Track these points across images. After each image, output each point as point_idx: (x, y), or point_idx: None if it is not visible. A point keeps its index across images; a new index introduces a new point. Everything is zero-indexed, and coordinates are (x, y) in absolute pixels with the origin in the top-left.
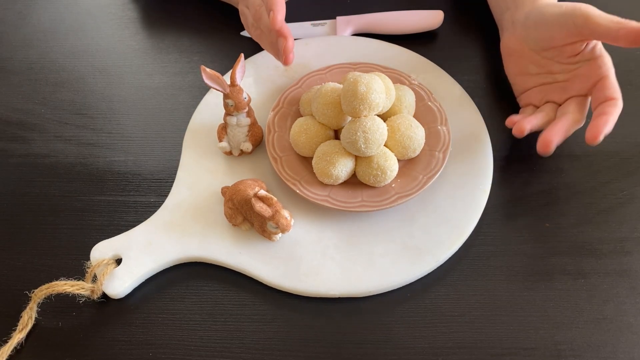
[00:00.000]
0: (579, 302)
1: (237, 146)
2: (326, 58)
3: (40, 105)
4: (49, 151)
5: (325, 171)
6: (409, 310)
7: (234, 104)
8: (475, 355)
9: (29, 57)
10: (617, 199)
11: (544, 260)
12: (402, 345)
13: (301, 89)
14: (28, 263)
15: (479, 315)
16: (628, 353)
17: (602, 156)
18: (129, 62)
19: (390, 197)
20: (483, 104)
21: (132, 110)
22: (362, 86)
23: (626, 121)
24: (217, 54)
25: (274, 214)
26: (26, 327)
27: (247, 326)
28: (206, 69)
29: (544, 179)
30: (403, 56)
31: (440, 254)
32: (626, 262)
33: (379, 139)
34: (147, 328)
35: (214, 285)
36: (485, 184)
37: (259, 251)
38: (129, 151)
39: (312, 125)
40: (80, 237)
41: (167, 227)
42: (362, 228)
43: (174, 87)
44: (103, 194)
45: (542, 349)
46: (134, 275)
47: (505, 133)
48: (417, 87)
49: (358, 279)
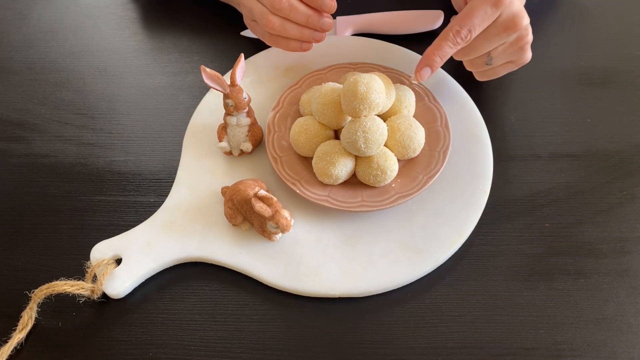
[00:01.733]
0: (579, 302)
1: (237, 146)
2: (326, 58)
3: (40, 105)
4: (49, 151)
5: (325, 171)
6: (409, 310)
7: (234, 104)
8: (475, 355)
9: (29, 57)
10: (617, 199)
11: (544, 260)
12: (402, 345)
13: (301, 89)
14: (28, 263)
15: (479, 315)
16: (628, 353)
17: (602, 156)
18: (129, 62)
19: (390, 197)
20: (483, 104)
21: (132, 110)
22: (362, 86)
23: (626, 121)
24: (217, 54)
25: (274, 214)
26: (26, 327)
27: (247, 326)
28: (206, 69)
29: (544, 179)
30: (403, 56)
31: (440, 254)
32: (626, 262)
33: (379, 139)
34: (147, 328)
35: (214, 285)
36: (485, 184)
37: (259, 251)
38: (129, 151)
39: (312, 125)
40: (80, 237)
41: (167, 227)
42: (362, 228)
43: (174, 87)
44: (103, 194)
45: (542, 349)
46: (134, 275)
47: (506, 133)
48: (417, 87)
49: (358, 279)
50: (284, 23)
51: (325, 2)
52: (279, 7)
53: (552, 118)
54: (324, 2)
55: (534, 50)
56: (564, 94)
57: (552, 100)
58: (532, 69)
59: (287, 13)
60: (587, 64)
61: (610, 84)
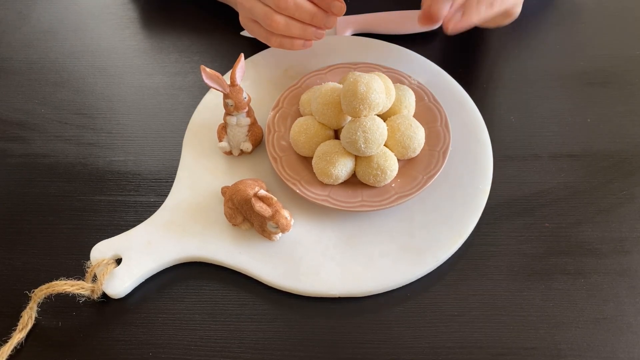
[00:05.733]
0: (579, 302)
1: (237, 146)
2: (326, 58)
3: (40, 105)
4: (49, 151)
5: (325, 171)
6: (409, 310)
7: (234, 104)
8: (475, 355)
9: (29, 57)
10: (617, 199)
11: (544, 260)
12: (402, 345)
13: (301, 89)
14: (28, 263)
15: (479, 315)
16: (628, 353)
17: (602, 156)
18: (129, 62)
19: (390, 197)
20: (483, 104)
21: (132, 110)
22: (362, 86)
23: (626, 121)
24: (217, 54)
25: (274, 214)
26: (26, 327)
27: (247, 326)
28: (206, 69)
29: (544, 179)
30: (403, 56)
31: (440, 254)
32: (626, 262)
33: (379, 139)
34: (147, 328)
35: (214, 285)
36: (485, 184)
37: (259, 251)
38: (129, 151)
39: (312, 125)
40: (80, 237)
41: (167, 227)
42: (362, 228)
43: (174, 87)
44: (103, 194)
45: (542, 349)
46: (134, 275)
47: (506, 133)
48: (417, 87)
49: (358, 279)
50: (289, 22)
51: (335, 4)
52: (285, 6)
53: (552, 118)
54: (334, 4)
55: (534, 50)
56: (564, 94)
57: (552, 100)
58: (532, 69)
59: (292, 12)
60: (587, 64)
61: (610, 84)
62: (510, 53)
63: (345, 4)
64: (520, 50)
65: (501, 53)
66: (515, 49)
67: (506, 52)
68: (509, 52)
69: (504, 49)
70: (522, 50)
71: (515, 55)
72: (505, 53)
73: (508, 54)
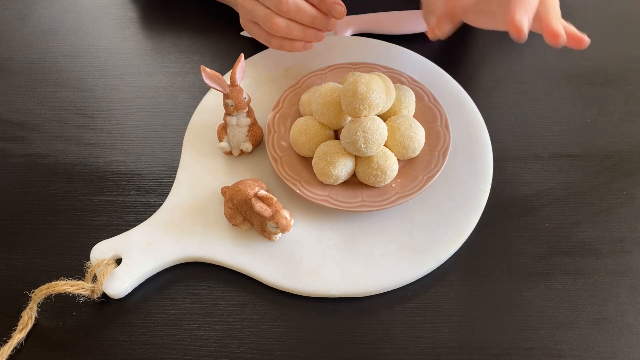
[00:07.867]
0: (579, 302)
1: (237, 146)
2: (326, 58)
3: (40, 105)
4: (49, 151)
5: (325, 171)
6: (409, 310)
7: (234, 104)
8: (475, 355)
9: (29, 57)
10: (617, 199)
11: (544, 260)
12: (402, 345)
13: (301, 89)
14: (28, 263)
15: (479, 315)
16: (628, 353)
17: (602, 156)
18: (129, 62)
19: (390, 197)
20: (483, 104)
21: (132, 110)
22: (362, 86)
23: (626, 121)
24: (217, 54)
25: (274, 214)
26: (26, 327)
27: (247, 326)
28: (206, 69)
29: (544, 179)
30: (403, 56)
31: (440, 254)
32: (626, 262)
33: (379, 139)
34: (147, 328)
35: (214, 285)
36: (485, 184)
37: (259, 251)
38: (129, 151)
39: (312, 125)
40: (80, 237)
41: (167, 227)
42: (362, 228)
43: (174, 87)
44: (103, 194)
45: (542, 349)
46: (134, 275)
47: (506, 133)
48: (417, 87)
49: (358, 279)
50: (289, 25)
51: (335, 8)
52: (286, 8)
53: (552, 118)
54: (334, 7)
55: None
56: (564, 94)
57: (552, 100)
58: (532, 69)
59: (293, 14)
60: (587, 64)
61: (610, 84)
62: (511, 53)
63: (345, 7)
64: (520, 50)
65: (501, 53)
66: (516, 49)
67: (506, 52)
68: (509, 52)
69: (504, 49)
70: (522, 50)
71: (516, 55)
72: (505, 53)
73: (508, 54)
